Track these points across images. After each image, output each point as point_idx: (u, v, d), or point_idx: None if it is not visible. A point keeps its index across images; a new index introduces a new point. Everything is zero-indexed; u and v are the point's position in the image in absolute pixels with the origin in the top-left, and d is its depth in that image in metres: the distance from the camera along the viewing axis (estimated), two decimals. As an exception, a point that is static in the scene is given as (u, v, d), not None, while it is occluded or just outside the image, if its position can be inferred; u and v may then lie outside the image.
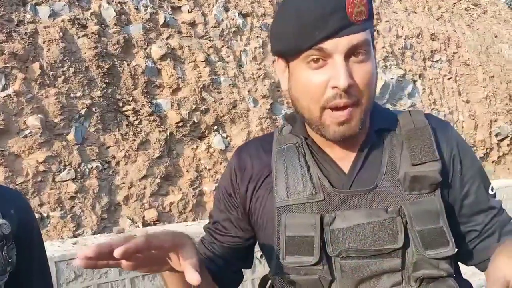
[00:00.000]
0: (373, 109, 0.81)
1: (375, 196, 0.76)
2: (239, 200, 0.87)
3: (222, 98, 4.10)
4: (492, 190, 0.85)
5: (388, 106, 5.55)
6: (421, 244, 0.72)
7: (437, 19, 7.54)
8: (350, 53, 0.72)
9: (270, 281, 0.85)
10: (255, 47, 4.63)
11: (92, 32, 3.47)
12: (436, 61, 6.94)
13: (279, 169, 0.82)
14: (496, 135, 7.21)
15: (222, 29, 4.42)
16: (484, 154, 6.89)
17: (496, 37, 8.59)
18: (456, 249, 0.77)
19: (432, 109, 6.47)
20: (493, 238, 0.82)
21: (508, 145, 7.32)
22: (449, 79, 6.99)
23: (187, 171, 3.71)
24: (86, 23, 3.51)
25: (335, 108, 0.73)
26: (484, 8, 9.06)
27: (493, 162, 7.05)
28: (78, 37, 3.43)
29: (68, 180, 3.03)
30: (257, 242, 0.90)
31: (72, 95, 3.22)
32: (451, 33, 7.44)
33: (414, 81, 6.37)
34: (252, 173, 0.85)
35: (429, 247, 0.72)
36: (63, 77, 3.22)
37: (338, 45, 0.71)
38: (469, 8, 8.56)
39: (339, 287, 0.75)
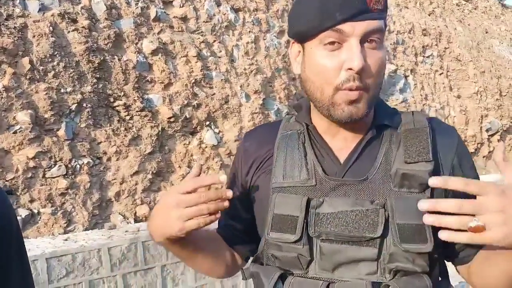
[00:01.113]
0: (378, 105, 0.85)
1: (364, 188, 0.79)
2: (242, 180, 0.93)
3: (214, 93, 4.08)
4: None
5: (380, 101, 5.56)
6: (398, 236, 0.74)
7: (429, 15, 7.56)
8: (365, 38, 0.76)
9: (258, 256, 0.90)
10: (247, 42, 4.62)
11: (83, 27, 3.44)
12: (428, 57, 6.97)
13: (279, 153, 0.86)
14: (487, 130, 7.27)
15: (214, 24, 4.39)
16: (475, 149, 6.95)
17: (487, 32, 8.64)
18: (441, 249, 0.79)
19: (423, 104, 6.50)
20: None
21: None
22: (440, 74, 7.02)
23: (179, 166, 3.70)
24: (77, 18, 3.47)
25: (350, 90, 0.76)
26: (475, 3, 9.10)
27: (483, 157, 7.11)
28: (68, 32, 3.40)
29: (58, 176, 3.01)
30: None
31: (62, 90, 3.19)
32: (443, 28, 7.47)
33: (406, 76, 6.40)
34: (256, 156, 0.91)
35: (406, 240, 0.74)
36: (53, 72, 3.19)
37: (355, 28, 0.74)
38: (460, 4, 8.60)
39: (317, 268, 0.79)
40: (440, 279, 0.82)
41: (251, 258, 0.99)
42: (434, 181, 0.67)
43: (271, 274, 0.81)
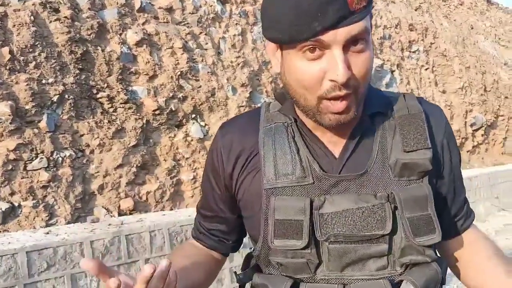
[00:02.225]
0: (368, 92, 0.79)
1: (365, 181, 0.76)
2: (225, 179, 0.85)
3: (200, 86, 4.04)
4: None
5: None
6: (411, 231, 0.72)
7: (415, 10, 7.59)
8: (349, 43, 0.69)
9: (254, 260, 0.84)
10: (234, 35, 4.58)
11: (65, 17, 3.36)
12: (414, 52, 7.01)
13: (267, 149, 0.79)
14: (471, 125, 7.35)
15: (200, 15, 4.34)
16: (460, 144, 7.02)
17: (472, 28, 8.72)
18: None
19: (409, 99, 6.53)
20: (459, 223, 0.87)
21: (482, 135, 7.48)
22: (426, 69, 7.06)
23: (164, 160, 3.66)
24: (59, 7, 3.39)
25: (336, 99, 0.71)
26: (461, -1, 9.17)
27: (468, 151, 7.19)
28: (50, 21, 3.32)
29: (40, 168, 2.95)
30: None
31: (44, 81, 3.12)
32: (429, 23, 7.51)
33: (392, 71, 6.42)
34: (238, 152, 0.83)
35: (418, 234, 0.73)
36: (34, 62, 3.11)
37: (336, 36, 0.67)
38: (446, -1, 8.65)
39: (325, 270, 0.76)
40: (439, 259, 0.82)
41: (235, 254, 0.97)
42: None
43: (281, 284, 0.77)
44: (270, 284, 0.78)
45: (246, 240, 0.95)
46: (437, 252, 0.85)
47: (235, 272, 0.88)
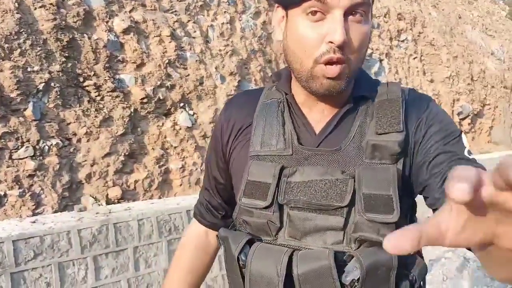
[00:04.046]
0: (359, 76, 0.83)
1: (337, 158, 0.78)
2: (222, 147, 0.93)
3: (189, 75, 4.02)
4: (469, 153, 0.78)
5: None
6: (363, 206, 0.73)
7: (404, -1, 7.60)
8: (350, 11, 0.73)
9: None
10: (223, 23, 4.55)
11: (50, 3, 3.31)
12: (402, 41, 7.03)
13: (258, 122, 0.86)
14: (458, 114, 7.42)
15: (188, 3, 4.30)
16: (446, 133, 7.10)
17: (460, 18, 8.76)
18: (408, 221, 0.79)
19: (397, 88, 6.57)
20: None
21: (469, 124, 7.57)
22: (414, 58, 7.10)
23: (152, 148, 3.64)
24: (43, -7, 3.33)
25: (328, 63, 0.74)
26: (450, -11, 9.19)
27: (454, 140, 7.26)
28: (35, 8, 3.26)
29: (26, 157, 2.92)
30: None
31: (29, 69, 3.08)
32: (417, 13, 7.53)
33: (381, 60, 6.44)
34: (235, 123, 0.91)
35: (371, 210, 0.73)
36: (19, 50, 3.07)
37: (340, 0, 0.71)
38: (435, -11, 8.67)
39: (286, 235, 0.79)
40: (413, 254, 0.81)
41: None
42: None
43: (239, 239, 0.81)
44: (230, 237, 0.83)
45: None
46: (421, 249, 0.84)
47: (217, 235, 0.93)
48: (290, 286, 0.75)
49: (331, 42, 0.72)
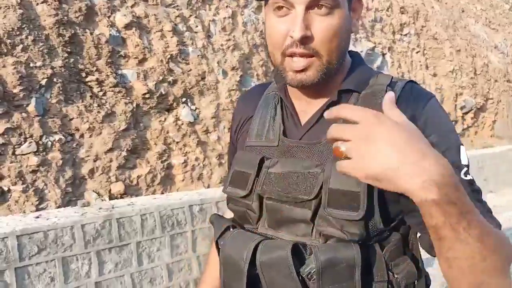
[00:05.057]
0: (352, 70, 0.84)
1: (315, 151, 0.79)
2: (232, 138, 1.00)
3: (191, 70, 4.02)
4: (466, 175, 0.72)
5: (357, 79, 5.59)
6: (327, 201, 0.73)
7: (407, -8, 7.55)
8: (313, 4, 0.74)
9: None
10: (225, 17, 4.53)
11: (52, -1, 3.30)
12: (405, 35, 7.00)
13: (257, 113, 0.91)
14: (461, 108, 7.40)
15: (190, -2, 4.29)
16: (449, 127, 7.08)
17: (463, 11, 8.71)
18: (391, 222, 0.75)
19: (400, 83, 6.54)
20: None
21: (472, 118, 7.54)
22: (417, 52, 7.07)
23: (155, 144, 3.65)
24: (45, -11, 3.33)
25: (293, 56, 0.77)
26: (453, -18, 9.13)
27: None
28: (37, 4, 3.26)
29: (29, 153, 2.93)
30: None
31: (31, 64, 3.08)
32: (420, 6, 7.48)
33: (383, 54, 6.42)
34: (242, 115, 0.97)
35: (333, 206, 0.72)
36: (21, 45, 3.07)
37: None
38: (438, -18, 8.61)
39: (266, 225, 0.82)
40: (386, 251, 0.76)
41: None
42: (326, 113, 0.62)
43: (220, 224, 0.87)
44: (215, 223, 0.89)
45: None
46: (420, 259, 0.80)
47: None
48: (255, 272, 0.77)
49: (291, 37, 0.75)
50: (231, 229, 0.85)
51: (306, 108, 0.85)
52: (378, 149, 0.55)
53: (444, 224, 0.55)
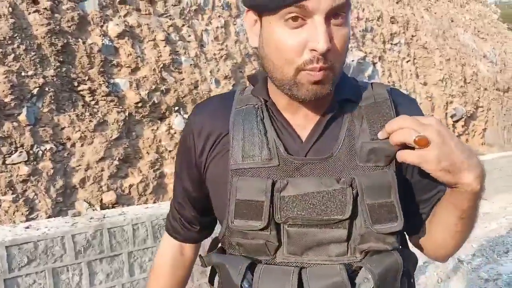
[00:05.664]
0: (340, 78, 0.79)
1: (329, 165, 0.75)
2: (196, 159, 0.85)
3: (183, 79, 4.03)
4: None
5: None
6: (370, 218, 0.72)
7: (397, 3, 7.65)
8: (331, 14, 0.68)
9: (220, 244, 0.84)
10: (217, 27, 4.56)
11: (44, 8, 3.30)
12: (395, 44, 7.07)
13: (236, 131, 0.79)
14: (452, 117, 7.47)
15: (183, 7, 4.31)
16: (440, 135, 7.14)
17: (452, 21, 8.82)
18: (404, 223, 0.77)
19: (391, 91, 6.61)
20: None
21: (462, 126, 7.62)
22: (407, 61, 7.14)
23: (147, 152, 3.64)
24: (37, -2, 3.33)
25: (314, 71, 0.70)
26: (442, -8, 9.26)
27: (448, 142, 7.31)
28: (29, 13, 3.26)
29: (20, 162, 2.91)
30: None
31: (23, 73, 3.07)
32: (410, 16, 7.58)
33: (374, 63, 6.48)
34: (208, 133, 0.83)
35: (378, 221, 0.72)
36: (13, 54, 3.06)
37: (321, 3, 0.66)
38: (427, -8, 8.73)
39: (285, 253, 0.75)
40: (405, 250, 0.81)
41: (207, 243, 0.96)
42: (380, 134, 0.72)
43: (238, 264, 0.76)
44: (228, 263, 0.78)
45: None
46: (407, 241, 0.85)
47: (200, 255, 0.89)
48: None
49: (314, 50, 0.68)
50: (257, 267, 0.75)
51: (303, 122, 0.79)
52: (453, 146, 0.67)
53: (473, 207, 0.72)
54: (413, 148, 0.68)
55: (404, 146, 0.69)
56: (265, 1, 0.69)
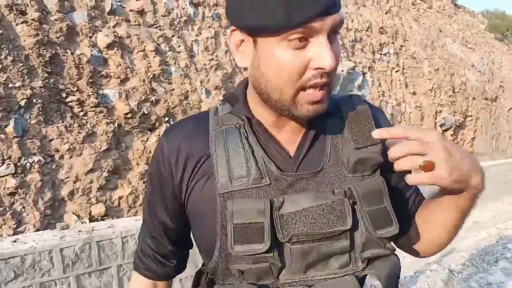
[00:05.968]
0: None
1: (322, 179, 0.75)
2: (174, 187, 0.80)
3: (173, 89, 4.01)
4: None
5: (339, 97, 5.67)
6: (372, 224, 0.73)
7: (386, 13, 7.74)
8: (331, 32, 0.69)
9: (207, 274, 0.80)
10: (207, 37, 4.57)
11: (32, 19, 3.28)
12: (385, 54, 7.14)
13: (219, 153, 0.75)
14: (441, 126, 7.54)
15: (173, 18, 4.31)
16: (430, 144, 7.20)
17: (440, 31, 8.94)
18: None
19: (380, 101, 6.65)
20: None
21: (451, 135, 7.68)
22: (396, 71, 7.21)
23: (137, 164, 3.61)
24: (26, 9, 3.31)
25: (311, 88, 0.70)
26: (430, 3, 9.39)
27: (438, 151, 7.36)
28: (17, 24, 3.24)
29: (7, 175, 2.86)
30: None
31: (10, 85, 3.04)
32: (399, 27, 7.66)
33: (364, 73, 6.52)
34: (186, 158, 0.78)
35: (378, 227, 0.73)
36: (0, 66, 3.03)
37: (325, 23, 0.67)
38: (415, 3, 8.85)
39: (288, 273, 0.73)
40: None
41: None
42: (377, 133, 0.71)
43: None
44: None
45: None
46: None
47: None
48: None
49: (320, 68, 0.68)
50: None
51: (289, 136, 0.78)
52: (459, 156, 0.69)
53: (472, 204, 0.77)
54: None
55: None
56: (266, 23, 0.67)
